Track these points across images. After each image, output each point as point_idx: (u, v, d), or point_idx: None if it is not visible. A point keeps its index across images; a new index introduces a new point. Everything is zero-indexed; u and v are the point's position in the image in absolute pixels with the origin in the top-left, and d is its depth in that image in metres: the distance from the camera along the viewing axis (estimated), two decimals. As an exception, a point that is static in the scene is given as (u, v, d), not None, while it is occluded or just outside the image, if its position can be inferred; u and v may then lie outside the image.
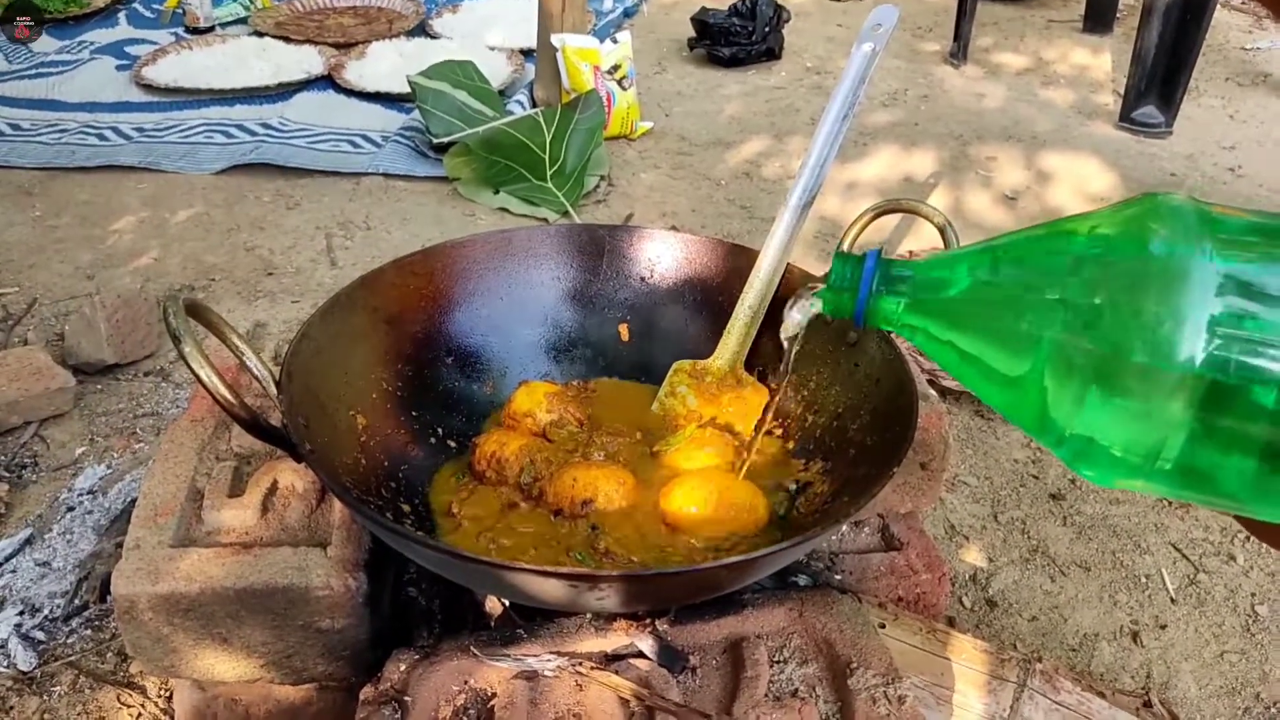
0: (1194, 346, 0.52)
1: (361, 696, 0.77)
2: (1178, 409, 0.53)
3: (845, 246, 1.02)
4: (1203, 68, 3.12)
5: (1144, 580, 1.31)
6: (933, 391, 1.09)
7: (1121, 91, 2.83)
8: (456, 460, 0.96)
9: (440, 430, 0.98)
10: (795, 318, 0.79)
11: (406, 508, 0.88)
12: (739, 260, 1.06)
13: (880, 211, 1.02)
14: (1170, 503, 1.45)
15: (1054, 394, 0.56)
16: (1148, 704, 1.01)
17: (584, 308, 1.10)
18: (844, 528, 1.07)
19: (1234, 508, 0.58)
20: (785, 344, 0.82)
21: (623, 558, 0.82)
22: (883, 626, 0.96)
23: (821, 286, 0.72)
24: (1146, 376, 0.53)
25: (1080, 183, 2.45)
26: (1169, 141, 2.70)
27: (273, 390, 0.80)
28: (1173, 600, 1.28)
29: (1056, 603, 1.27)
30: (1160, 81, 2.69)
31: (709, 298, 1.08)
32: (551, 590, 0.69)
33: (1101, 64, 3.26)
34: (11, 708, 1.07)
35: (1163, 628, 1.24)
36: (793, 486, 0.93)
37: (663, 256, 1.10)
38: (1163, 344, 0.52)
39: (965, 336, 0.62)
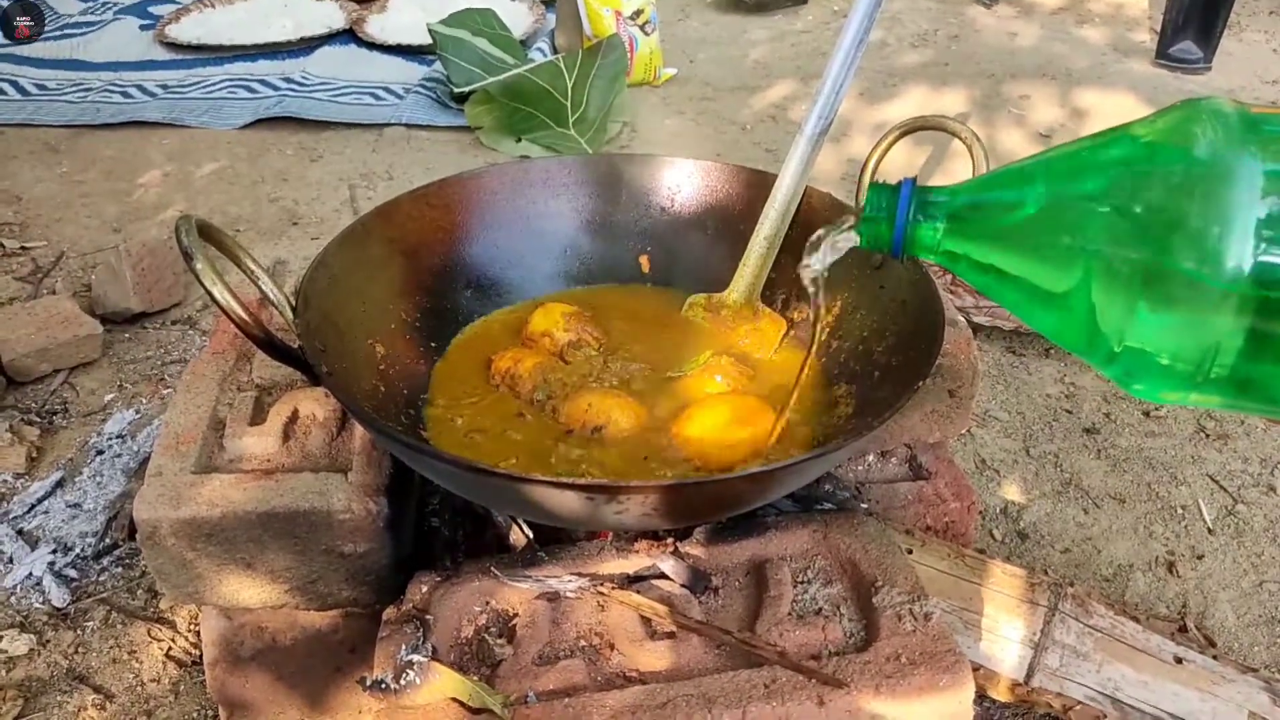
0: (1242, 251, 0.50)
1: (384, 616, 0.77)
2: (1229, 314, 0.51)
3: (871, 167, 0.99)
4: (1244, 1, 3.02)
5: (1180, 511, 1.29)
6: (961, 318, 1.07)
7: (1158, 28, 2.75)
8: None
9: (460, 360, 0.98)
10: (823, 257, 0.75)
11: (427, 434, 0.88)
12: (760, 187, 1.04)
13: (906, 131, 1.00)
14: (1207, 434, 1.41)
15: (1102, 308, 0.55)
16: (1183, 629, 0.99)
17: (604, 239, 1.08)
18: (870, 456, 1.05)
19: None
20: (809, 285, 0.78)
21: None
22: (910, 552, 0.95)
23: (852, 221, 0.69)
24: (1196, 284, 0.51)
25: (1116, 120, 2.37)
26: (1208, 77, 2.62)
27: (289, 315, 0.80)
28: (1210, 531, 1.26)
29: (1090, 534, 1.25)
30: (1199, 16, 2.61)
31: (730, 226, 1.06)
32: (569, 504, 0.68)
33: (1138, 1, 3.17)
34: (48, 641, 1.08)
35: (1199, 558, 1.22)
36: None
37: (683, 185, 1.08)
38: (1210, 250, 0.50)
39: (1008, 257, 0.60)
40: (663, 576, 0.80)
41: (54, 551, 1.17)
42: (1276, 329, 0.51)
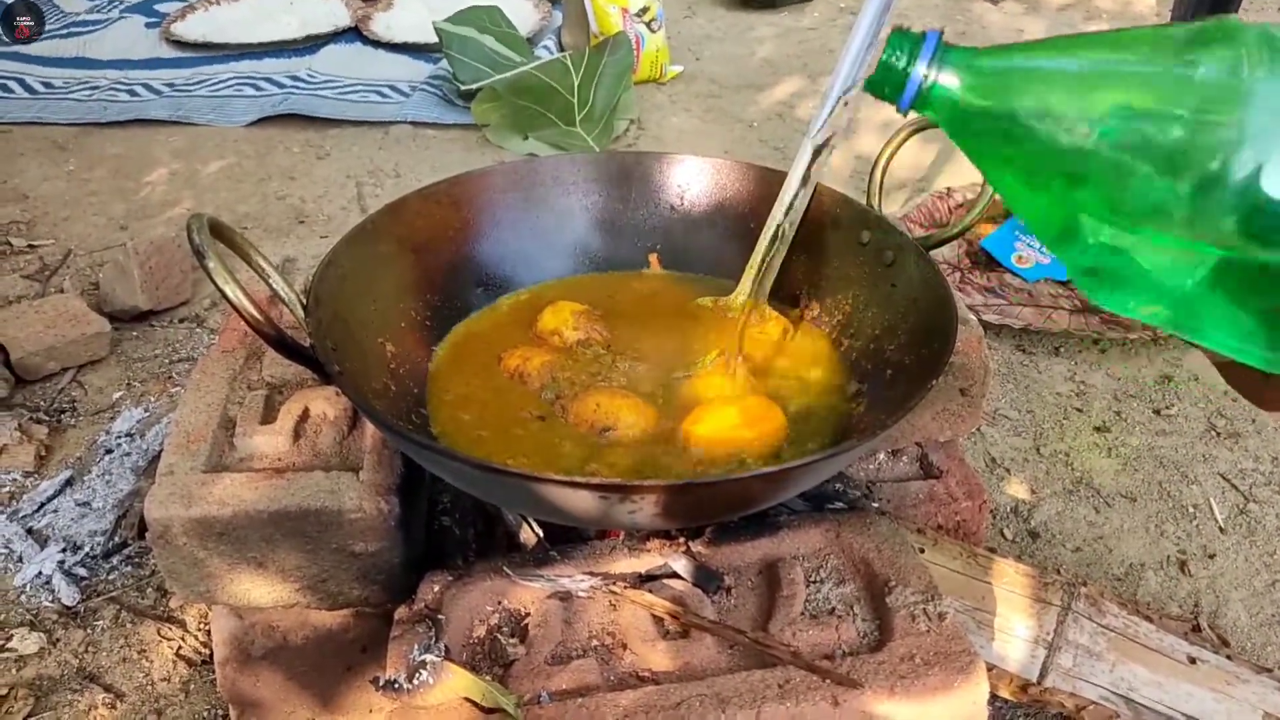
0: (1246, 166, 0.50)
1: (396, 616, 0.77)
2: (1220, 228, 0.51)
3: (881, 165, 0.99)
4: (1252, -2, 3.02)
5: (1191, 510, 1.28)
6: (973, 316, 1.06)
7: (1167, 24, 2.74)
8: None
9: (470, 358, 0.97)
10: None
11: (436, 432, 0.87)
12: (769, 184, 1.03)
13: (916, 129, 0.99)
14: (1218, 433, 1.41)
15: (1096, 196, 0.54)
16: (1196, 629, 0.99)
17: (614, 236, 1.08)
18: (881, 455, 1.05)
19: (1240, 350, 0.55)
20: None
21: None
22: (921, 551, 0.95)
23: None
24: (1193, 191, 0.51)
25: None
26: (1217, 74, 2.61)
27: (299, 313, 0.79)
28: (1221, 530, 1.25)
29: (1101, 533, 1.25)
30: (1206, 14, 2.60)
31: (741, 224, 1.05)
32: (582, 503, 0.68)
33: (1146, -3, 3.16)
34: (58, 640, 1.08)
35: (1211, 557, 1.21)
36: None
37: (692, 183, 1.08)
38: (1215, 161, 0.50)
39: (1015, 127, 0.59)
40: (675, 576, 0.80)
41: (63, 550, 1.17)
42: (1261, 254, 0.51)
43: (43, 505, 1.24)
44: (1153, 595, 1.16)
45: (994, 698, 0.93)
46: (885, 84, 0.63)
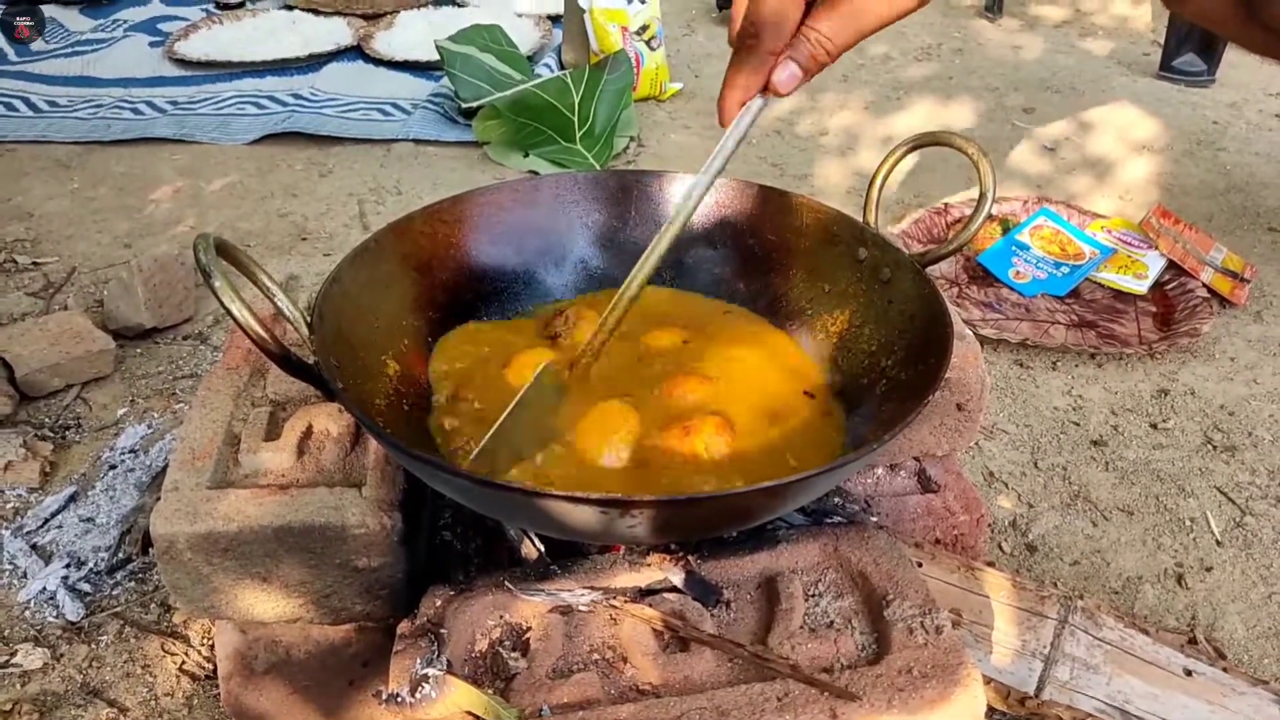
0: None
1: (399, 630, 0.78)
2: None
3: (879, 182, 1.00)
4: (1247, 14, 3.03)
5: (1188, 524, 1.29)
6: (969, 331, 1.07)
7: (1162, 41, 2.76)
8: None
9: (472, 375, 0.98)
10: None
11: (440, 447, 0.88)
12: (770, 202, 1.05)
13: (913, 146, 1.00)
14: (1215, 446, 1.42)
15: None
16: (1193, 641, 1.00)
17: (614, 253, 1.09)
18: (879, 469, 1.06)
19: None
20: None
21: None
22: (919, 565, 0.96)
23: None
24: None
25: (1121, 132, 2.40)
26: (1212, 90, 2.63)
27: (304, 331, 0.80)
28: (1218, 543, 1.26)
29: (1098, 547, 1.25)
30: (1202, 29, 2.62)
31: (739, 241, 1.07)
32: (582, 517, 0.68)
33: (1141, 14, 3.18)
34: (62, 655, 1.09)
35: (1208, 570, 1.22)
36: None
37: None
38: None
39: None
40: (675, 590, 0.81)
41: (67, 566, 1.18)
42: None
43: (47, 521, 1.25)
44: (1150, 608, 1.17)
45: (991, 711, 0.94)
46: None
